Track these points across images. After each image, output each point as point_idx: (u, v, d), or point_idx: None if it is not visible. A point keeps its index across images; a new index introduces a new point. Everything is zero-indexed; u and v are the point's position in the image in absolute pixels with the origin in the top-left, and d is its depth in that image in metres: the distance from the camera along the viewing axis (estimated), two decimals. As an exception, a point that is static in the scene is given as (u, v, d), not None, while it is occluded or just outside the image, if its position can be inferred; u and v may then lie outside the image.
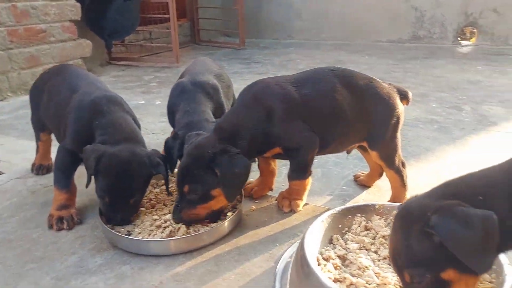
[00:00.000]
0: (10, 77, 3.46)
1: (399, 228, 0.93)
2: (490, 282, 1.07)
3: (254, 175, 1.69)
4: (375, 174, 1.77)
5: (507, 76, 3.83)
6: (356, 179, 1.85)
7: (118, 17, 4.36)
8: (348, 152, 1.74)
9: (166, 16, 4.58)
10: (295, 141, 1.45)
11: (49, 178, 1.77)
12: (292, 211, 1.57)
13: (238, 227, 1.48)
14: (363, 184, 1.81)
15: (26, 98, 2.02)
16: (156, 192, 1.66)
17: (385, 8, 5.73)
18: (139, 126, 1.61)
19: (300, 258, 1.12)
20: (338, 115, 1.49)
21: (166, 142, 1.59)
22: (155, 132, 2.52)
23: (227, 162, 1.33)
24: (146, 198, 1.60)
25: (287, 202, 1.57)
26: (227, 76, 1.97)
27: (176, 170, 1.51)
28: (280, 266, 1.26)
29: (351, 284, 1.08)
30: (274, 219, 1.53)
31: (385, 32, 5.75)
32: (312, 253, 1.13)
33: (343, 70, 1.56)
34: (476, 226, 0.81)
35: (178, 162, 1.53)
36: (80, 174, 1.56)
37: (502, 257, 1.04)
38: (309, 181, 1.56)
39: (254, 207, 1.62)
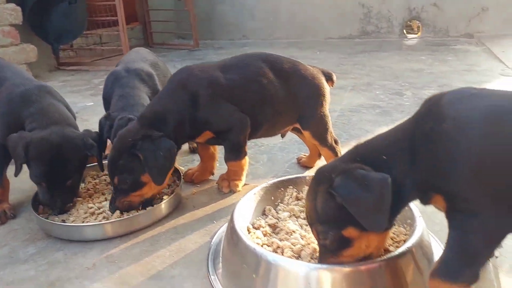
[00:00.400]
0: None
1: (311, 189, 0.98)
2: (405, 235, 1.14)
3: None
4: (315, 155, 1.82)
5: (447, 64, 4.04)
6: (298, 161, 1.90)
7: (63, 20, 4.25)
8: (282, 136, 1.79)
9: (115, 18, 4.51)
10: (225, 124, 1.48)
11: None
12: (232, 191, 1.60)
13: (177, 210, 1.49)
14: (305, 165, 1.87)
15: None
16: (95, 183, 1.64)
17: (333, 6, 5.92)
18: (73, 115, 1.59)
19: (230, 229, 1.15)
20: (266, 98, 1.53)
21: (99, 122, 1.59)
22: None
23: (149, 146, 1.34)
24: (83, 188, 1.58)
25: (226, 183, 1.60)
26: (164, 65, 1.98)
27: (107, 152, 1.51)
28: (215, 240, 1.29)
29: (278, 247, 1.12)
30: (214, 200, 1.56)
31: (335, 29, 5.93)
32: (241, 223, 1.16)
33: (269, 55, 1.61)
34: (373, 189, 0.87)
35: (109, 143, 1.53)
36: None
37: (415, 210, 1.11)
38: (246, 161, 1.60)
39: (195, 190, 1.64)
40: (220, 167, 1.74)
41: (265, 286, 0.99)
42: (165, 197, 1.48)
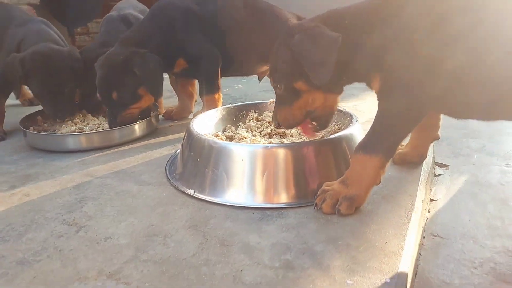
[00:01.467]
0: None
1: (277, 43, 1.07)
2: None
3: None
4: None
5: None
6: None
7: (80, 4, 4.49)
8: (259, 79, 1.90)
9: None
10: (196, 51, 1.60)
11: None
12: (205, 123, 1.72)
13: (151, 135, 1.62)
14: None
15: None
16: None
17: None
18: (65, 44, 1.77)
19: (186, 130, 1.27)
20: (239, 32, 1.65)
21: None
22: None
23: (142, 61, 1.48)
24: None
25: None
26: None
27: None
28: (177, 151, 1.41)
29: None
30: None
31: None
32: (198, 129, 1.28)
33: None
34: (322, 44, 0.96)
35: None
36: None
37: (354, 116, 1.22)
38: (220, 96, 1.71)
39: (171, 124, 1.77)
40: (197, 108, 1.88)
41: (205, 166, 1.10)
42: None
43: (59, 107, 1.59)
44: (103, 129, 1.58)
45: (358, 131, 1.18)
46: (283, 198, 1.04)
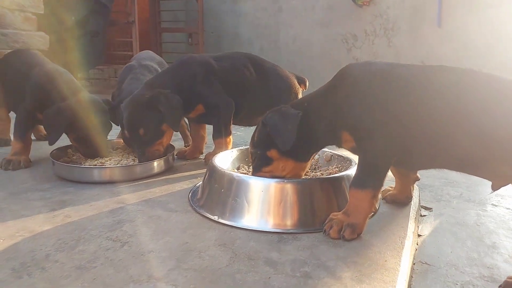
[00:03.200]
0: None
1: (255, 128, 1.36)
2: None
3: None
4: None
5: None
6: None
7: (84, 52, 4.78)
8: None
9: (130, 53, 5.06)
10: (214, 99, 1.83)
11: (8, 149, 2.05)
12: (216, 164, 1.91)
13: (168, 171, 1.80)
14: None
15: None
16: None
17: (329, 59, 6.51)
18: None
19: (208, 165, 1.46)
20: (247, 86, 1.91)
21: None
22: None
23: (165, 99, 1.69)
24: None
25: (213, 156, 1.92)
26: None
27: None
28: (196, 185, 1.59)
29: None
30: (200, 168, 1.87)
31: (330, 78, 6.48)
32: (220, 163, 1.47)
33: (253, 55, 2.02)
34: (286, 118, 1.24)
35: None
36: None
37: (353, 161, 1.44)
38: (230, 140, 1.93)
39: (185, 163, 1.96)
40: (208, 150, 2.08)
41: (228, 196, 1.29)
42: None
43: (98, 149, 1.80)
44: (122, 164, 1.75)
45: (356, 172, 1.39)
46: (294, 224, 1.22)
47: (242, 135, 2.66)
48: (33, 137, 2.27)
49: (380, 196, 1.45)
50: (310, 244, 1.12)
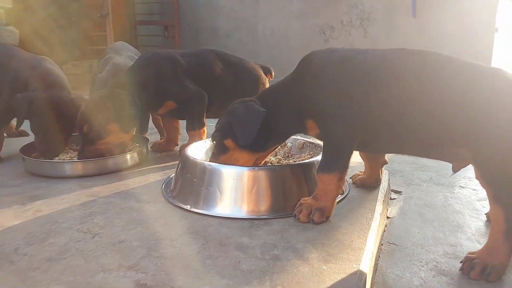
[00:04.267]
0: None
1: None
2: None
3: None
4: None
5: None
6: None
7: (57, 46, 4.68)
8: None
9: (104, 47, 4.97)
10: (185, 94, 1.82)
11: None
12: (191, 155, 1.92)
13: (142, 164, 1.79)
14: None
15: None
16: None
17: (308, 50, 6.53)
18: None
19: (181, 156, 1.47)
20: (216, 81, 1.91)
21: None
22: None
23: (118, 99, 1.67)
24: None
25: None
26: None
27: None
28: (170, 176, 1.59)
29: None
30: (175, 160, 1.87)
31: (307, 70, 6.52)
32: (192, 154, 1.48)
33: (219, 51, 2.03)
34: (251, 114, 1.25)
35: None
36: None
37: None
38: (205, 131, 1.93)
39: (159, 155, 1.96)
40: (183, 141, 2.08)
41: (200, 185, 1.30)
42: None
43: (49, 147, 1.72)
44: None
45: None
46: (267, 210, 1.24)
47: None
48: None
49: (350, 180, 1.49)
50: (280, 228, 1.14)
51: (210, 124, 2.69)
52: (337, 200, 1.28)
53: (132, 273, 0.92)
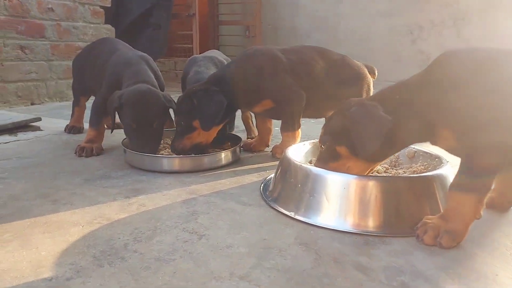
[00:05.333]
0: (49, 85, 3.93)
1: (335, 111, 1.25)
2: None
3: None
4: None
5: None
6: None
7: (147, 44, 4.90)
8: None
9: (190, 46, 5.12)
10: (284, 93, 1.74)
11: (81, 136, 2.11)
12: (284, 157, 1.84)
13: (235, 163, 1.75)
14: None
15: (60, 104, 2.37)
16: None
17: (391, 52, 6.19)
18: (162, 84, 1.96)
19: (282, 158, 1.39)
20: (316, 80, 1.80)
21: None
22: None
23: (204, 95, 1.64)
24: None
25: (280, 150, 1.84)
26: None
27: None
28: (267, 179, 1.52)
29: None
30: (267, 161, 1.80)
31: (392, 73, 6.16)
32: (292, 155, 1.39)
33: (321, 47, 1.91)
34: (374, 123, 1.10)
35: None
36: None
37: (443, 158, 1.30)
38: (299, 133, 1.84)
39: (251, 155, 1.90)
40: (273, 142, 2.01)
41: (305, 191, 1.20)
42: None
43: (143, 141, 1.69)
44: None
45: (449, 172, 1.25)
46: (377, 226, 1.11)
47: (303, 128, 2.54)
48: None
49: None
50: (401, 249, 1.01)
51: (301, 127, 2.61)
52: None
53: (245, 284, 0.85)
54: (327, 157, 1.21)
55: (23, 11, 3.61)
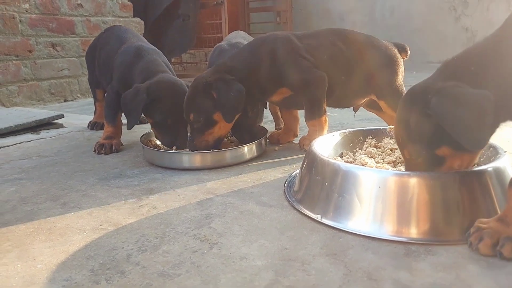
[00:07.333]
0: (81, 81, 3.94)
1: (403, 110, 1.00)
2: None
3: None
4: None
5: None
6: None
7: (177, 36, 4.83)
8: (355, 110, 1.84)
9: (219, 35, 5.00)
10: (302, 78, 1.57)
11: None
12: (313, 149, 1.67)
13: (260, 157, 1.61)
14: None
15: (92, 100, 2.33)
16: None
17: (434, 31, 5.76)
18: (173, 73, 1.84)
19: (307, 152, 1.23)
20: (339, 64, 1.62)
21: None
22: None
23: (222, 86, 1.49)
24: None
25: (308, 141, 1.68)
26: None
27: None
28: (292, 175, 1.37)
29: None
30: (294, 154, 1.65)
31: (434, 54, 5.75)
32: (319, 150, 1.23)
33: (342, 29, 1.71)
34: (471, 105, 0.85)
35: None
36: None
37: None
38: (326, 120, 1.66)
39: (277, 148, 1.76)
40: (301, 133, 1.85)
41: (333, 191, 1.04)
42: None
43: (176, 136, 1.61)
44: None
45: (508, 164, 1.05)
46: (425, 233, 0.93)
47: (337, 116, 2.38)
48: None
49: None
50: (451, 261, 0.83)
51: (332, 114, 2.44)
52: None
53: (258, 308, 0.71)
54: (431, 166, 0.98)
55: (53, 8, 3.62)
